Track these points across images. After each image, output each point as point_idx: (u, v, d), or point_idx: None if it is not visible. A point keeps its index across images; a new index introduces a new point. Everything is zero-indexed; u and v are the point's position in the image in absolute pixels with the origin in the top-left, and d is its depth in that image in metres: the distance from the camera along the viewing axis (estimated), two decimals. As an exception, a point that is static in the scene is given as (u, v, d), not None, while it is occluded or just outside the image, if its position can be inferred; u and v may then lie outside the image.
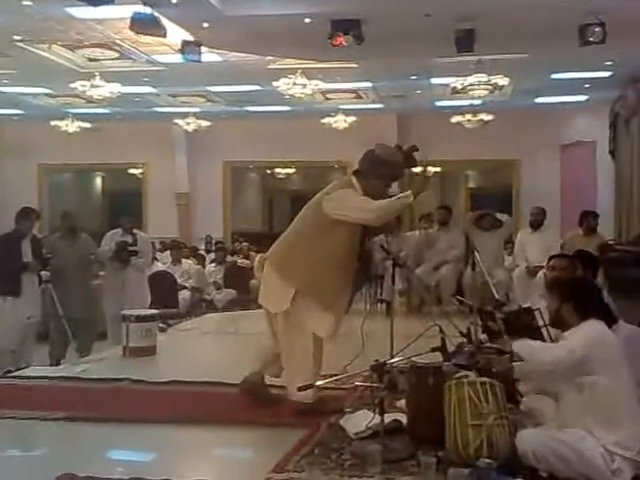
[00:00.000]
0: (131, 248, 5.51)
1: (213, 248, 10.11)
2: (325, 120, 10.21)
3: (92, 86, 7.84)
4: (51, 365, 4.82)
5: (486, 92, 7.68)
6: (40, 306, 5.03)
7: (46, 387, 3.66)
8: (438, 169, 13.39)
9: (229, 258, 8.74)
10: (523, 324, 2.87)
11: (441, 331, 2.87)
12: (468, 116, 9.60)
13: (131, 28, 5.19)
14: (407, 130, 11.33)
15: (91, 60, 7.74)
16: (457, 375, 2.51)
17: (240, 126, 11.64)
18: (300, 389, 2.69)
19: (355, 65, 7.88)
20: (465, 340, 2.99)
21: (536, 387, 2.59)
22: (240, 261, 8.60)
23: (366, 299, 6.61)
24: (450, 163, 11.88)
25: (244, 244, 9.80)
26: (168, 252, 8.37)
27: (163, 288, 6.60)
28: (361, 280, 6.22)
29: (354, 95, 9.93)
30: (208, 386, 3.59)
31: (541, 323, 2.85)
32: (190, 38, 6.07)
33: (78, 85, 7.90)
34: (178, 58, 6.57)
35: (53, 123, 10.27)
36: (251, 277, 7.90)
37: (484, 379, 2.42)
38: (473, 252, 4.23)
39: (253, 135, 11.52)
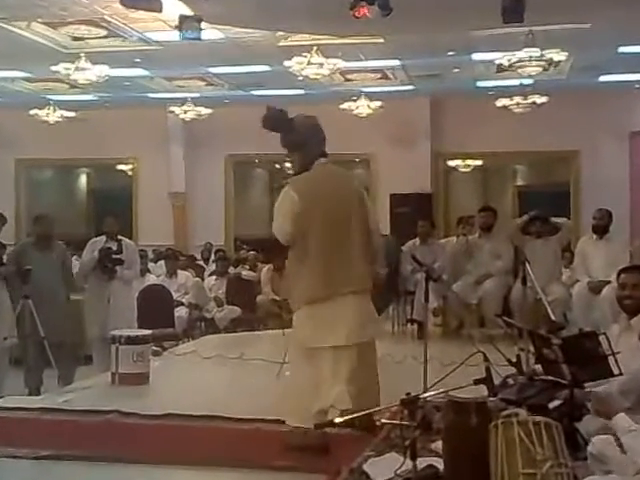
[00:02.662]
0: (116, 256, 5.55)
1: (213, 257, 10.16)
2: (345, 105, 10.19)
3: (76, 69, 7.93)
4: (29, 395, 4.86)
5: (539, 70, 7.58)
6: (15, 325, 5.08)
7: (24, 420, 3.70)
8: (479, 163, 13.38)
9: (232, 269, 8.76)
10: (585, 351, 2.82)
11: (485, 359, 2.84)
12: (517, 99, 9.51)
13: (122, 2, 5.26)
14: (442, 116, 11.32)
15: (75, 39, 7.85)
16: (505, 413, 2.47)
17: (246, 114, 11.50)
18: (316, 427, 2.68)
19: (381, 40, 7.87)
20: (514, 370, 2.95)
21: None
22: (245, 273, 8.63)
23: (394, 319, 6.65)
24: (495, 156, 11.82)
25: (250, 253, 9.83)
26: (162, 262, 8.44)
27: (157, 305, 6.65)
28: (387, 297, 6.38)
29: (380, 75, 9.92)
30: (209, 420, 3.60)
31: (608, 350, 2.80)
32: (189, 12, 6.14)
33: (61, 68, 7.98)
34: (175, 36, 6.64)
35: (32, 112, 10.39)
36: (258, 292, 7.95)
37: (538, 418, 2.37)
38: (523, 263, 4.18)
39: (260, 125, 11.57)
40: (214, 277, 8.17)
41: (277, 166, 14.48)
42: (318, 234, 3.04)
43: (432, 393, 2.74)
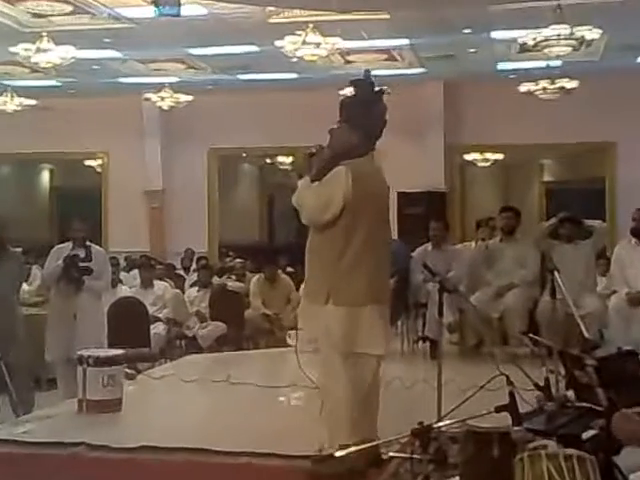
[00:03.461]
0: (83, 265, 5.55)
1: (195, 266, 10.18)
2: (346, 91, 10.21)
3: (38, 50, 7.90)
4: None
5: (568, 50, 7.56)
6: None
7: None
8: (500, 156, 13.42)
9: (216, 280, 8.76)
10: (624, 373, 2.82)
11: (509, 382, 2.83)
12: (543, 83, 9.52)
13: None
14: (457, 103, 11.36)
15: (36, 16, 7.87)
16: (532, 445, 2.47)
17: (231, 101, 11.75)
18: (313, 463, 2.69)
19: (386, 16, 7.90)
20: (542, 395, 2.95)
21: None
22: (231, 284, 8.63)
23: (403, 336, 6.63)
24: (518, 148, 11.86)
25: (237, 261, 9.83)
26: (136, 272, 8.43)
27: (130, 320, 6.63)
28: (395, 310, 6.36)
29: (385, 57, 9.95)
30: (191, 454, 3.59)
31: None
32: (166, -16, 6.18)
33: (19, 49, 7.96)
34: (150, 12, 6.66)
35: (-14, 99, 10.51)
36: (246, 305, 7.94)
37: (570, 451, 2.37)
38: (552, 272, 4.18)
39: (248, 113, 11.63)
40: (196, 288, 8.16)
41: (268, 161, 14.44)
42: (367, 227, 3.12)
43: (448, 422, 2.74)
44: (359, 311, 3.11)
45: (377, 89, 3.32)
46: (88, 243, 5.75)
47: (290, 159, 13.18)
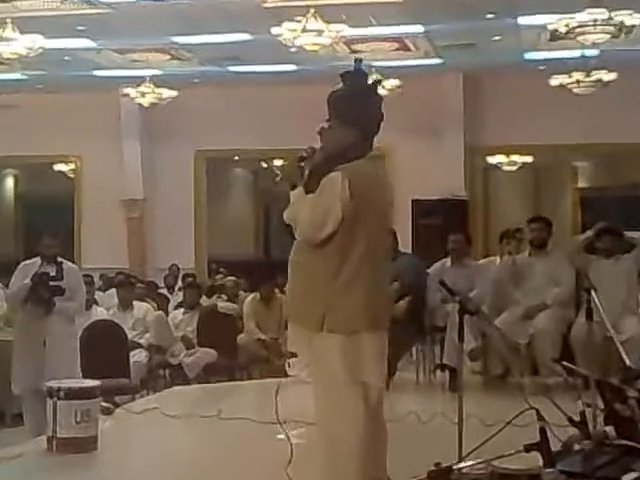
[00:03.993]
0: (54, 284, 5.57)
1: (181, 285, 10.19)
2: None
3: (0, 39, 7.97)
4: None
5: (606, 37, 7.60)
6: None
7: None
8: (529, 159, 13.46)
9: (205, 300, 8.78)
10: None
11: (539, 417, 2.85)
12: (577, 75, 9.56)
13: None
14: (479, 99, 11.43)
15: (-1, 0, 7.95)
16: (566, 488, 2.49)
17: (222, 97, 11.83)
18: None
19: (398, 0, 7.96)
20: (577, 432, 2.96)
21: None
22: (222, 304, 8.65)
23: (419, 365, 6.63)
24: (548, 150, 11.91)
25: (228, 279, 9.87)
26: (113, 291, 8.45)
27: (106, 347, 6.64)
28: (409, 335, 6.38)
29: (397, 46, 10.02)
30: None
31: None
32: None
33: (-21, 38, 8.10)
34: (129, -5, 6.72)
35: (-59, 96, 10.65)
36: (239, 329, 7.95)
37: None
38: (588, 291, 4.20)
39: (241, 111, 11.73)
40: (182, 310, 8.18)
41: (264, 165, 14.43)
42: (367, 240, 3.09)
43: (470, 463, 2.75)
44: (359, 338, 3.09)
45: (372, 81, 3.31)
46: (59, 259, 5.78)
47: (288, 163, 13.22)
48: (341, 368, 3.05)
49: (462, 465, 2.69)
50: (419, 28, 9.21)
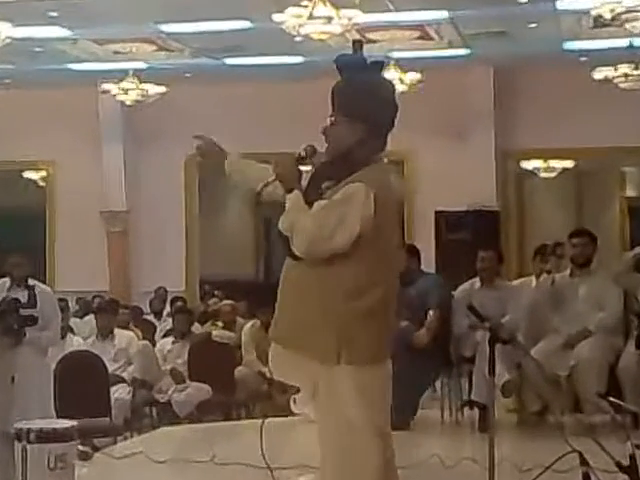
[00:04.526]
0: (25, 311, 5.57)
1: (169, 310, 10.20)
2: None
3: (-37, 29, 8.07)
4: None
5: (658, 24, 7.63)
6: None
7: None
8: (569, 164, 13.45)
9: (197, 328, 8.79)
10: None
11: (583, 462, 2.85)
12: (624, 68, 9.60)
13: None
14: (512, 95, 11.45)
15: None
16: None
17: (217, 94, 11.86)
18: None
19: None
20: (627, 478, 2.96)
21: None
22: (217, 333, 8.67)
23: (443, 401, 6.61)
24: (592, 153, 11.91)
25: (225, 303, 9.86)
26: (91, 317, 8.47)
27: (84, 382, 6.65)
28: (432, 366, 6.36)
29: (418, 34, 10.05)
30: None
31: None
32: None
33: (-62, 28, 8.16)
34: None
35: None
36: (237, 361, 7.95)
37: None
38: (638, 316, 4.20)
39: (239, 109, 11.78)
40: (170, 339, 8.20)
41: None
42: (390, 260, 3.12)
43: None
44: (383, 368, 3.13)
45: (373, 61, 3.29)
46: (31, 281, 5.81)
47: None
48: (360, 411, 3.05)
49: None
50: (443, 14, 9.24)
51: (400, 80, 10.15)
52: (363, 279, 3.04)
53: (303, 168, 3.20)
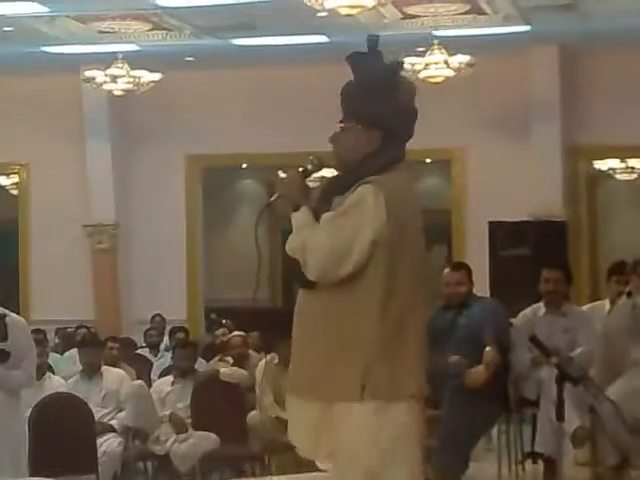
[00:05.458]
0: None
1: (168, 342, 10.21)
2: (405, 65, 10.31)
3: None
4: None
5: None
6: None
7: None
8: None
9: (202, 364, 8.79)
10: None
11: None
12: None
13: None
14: (582, 80, 11.41)
15: None
16: None
17: (223, 82, 11.92)
18: None
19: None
20: None
21: None
22: (226, 370, 8.64)
23: (501, 452, 6.61)
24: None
25: (234, 334, 9.85)
26: (74, 353, 8.50)
27: (65, 431, 6.67)
28: (488, 409, 6.32)
29: (467, 8, 10.06)
30: None
31: None
32: None
33: None
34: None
35: None
36: (250, 405, 7.94)
37: None
38: None
39: (250, 100, 11.82)
40: (170, 379, 8.19)
41: (282, 175, 14.34)
42: (413, 276, 3.19)
43: None
44: (416, 406, 3.16)
45: (391, 62, 3.35)
46: (1, 310, 5.83)
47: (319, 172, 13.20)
48: (388, 460, 3.08)
49: None
50: (498, -17, 9.31)
51: (446, 64, 10.18)
52: (380, 299, 3.10)
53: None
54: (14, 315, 6.06)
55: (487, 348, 6.24)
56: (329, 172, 3.40)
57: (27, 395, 6.26)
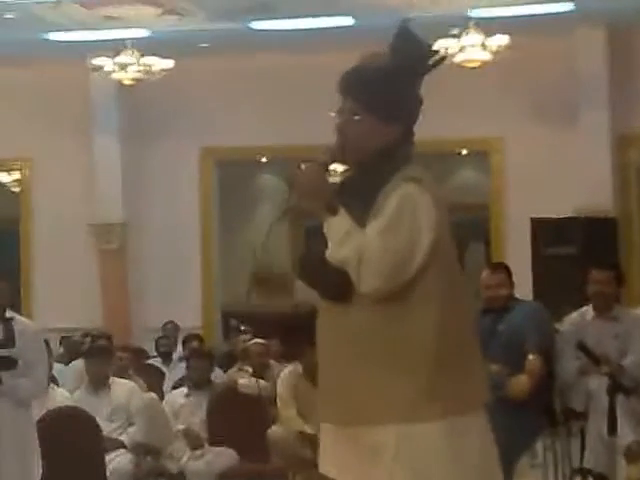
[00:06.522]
0: (2, 352, 5.66)
1: (182, 352, 10.24)
2: (437, 46, 10.27)
3: None
4: None
5: None
6: None
7: None
8: None
9: (219, 375, 8.81)
10: None
11: None
12: None
13: None
14: (633, 62, 11.36)
15: None
16: None
17: (241, 69, 11.92)
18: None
19: None
20: None
21: None
22: (245, 382, 8.65)
23: (548, 468, 6.58)
24: None
25: (254, 342, 9.85)
26: (80, 363, 8.54)
27: (70, 447, 6.71)
28: (531, 423, 6.29)
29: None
30: None
31: None
32: None
33: None
34: None
35: None
36: (272, 419, 7.93)
37: None
38: None
39: (270, 88, 11.83)
40: (184, 391, 8.24)
41: (301, 168, 14.24)
42: (455, 277, 3.22)
43: None
44: (482, 417, 3.16)
45: (425, 49, 3.31)
46: (10, 314, 5.87)
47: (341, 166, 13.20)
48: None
49: None
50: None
51: (483, 46, 10.19)
52: (443, 302, 3.11)
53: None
54: (24, 319, 6.12)
55: (530, 356, 6.22)
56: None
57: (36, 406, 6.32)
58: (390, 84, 3.21)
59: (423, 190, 3.10)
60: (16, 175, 13.30)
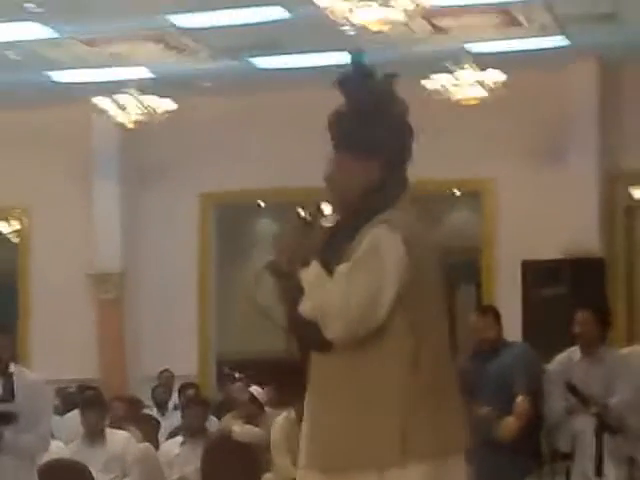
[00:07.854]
0: (3, 407, 5.65)
1: (177, 400, 10.18)
2: (432, 82, 10.16)
3: None
4: None
5: None
6: None
7: None
8: None
9: (214, 423, 8.77)
10: None
11: None
12: None
13: None
14: (623, 98, 11.25)
15: None
16: None
17: (244, 108, 11.84)
18: None
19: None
20: None
21: None
22: (239, 429, 8.64)
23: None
24: None
25: (250, 389, 9.85)
26: (76, 415, 8.50)
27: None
28: (519, 464, 6.26)
29: (500, 19, 10.00)
30: None
31: None
32: None
33: None
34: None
35: None
36: (266, 466, 7.92)
37: None
38: None
39: (272, 128, 11.76)
40: (179, 440, 8.22)
41: (302, 214, 14.12)
42: (438, 318, 3.21)
43: None
44: (462, 461, 3.17)
45: (382, 79, 3.30)
46: (17, 369, 5.88)
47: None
48: None
49: None
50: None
51: (479, 82, 10.10)
52: (417, 346, 3.08)
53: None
54: (30, 373, 6.11)
55: (518, 398, 6.25)
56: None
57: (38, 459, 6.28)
58: (357, 119, 3.21)
59: (392, 229, 3.06)
60: (15, 225, 13.20)
